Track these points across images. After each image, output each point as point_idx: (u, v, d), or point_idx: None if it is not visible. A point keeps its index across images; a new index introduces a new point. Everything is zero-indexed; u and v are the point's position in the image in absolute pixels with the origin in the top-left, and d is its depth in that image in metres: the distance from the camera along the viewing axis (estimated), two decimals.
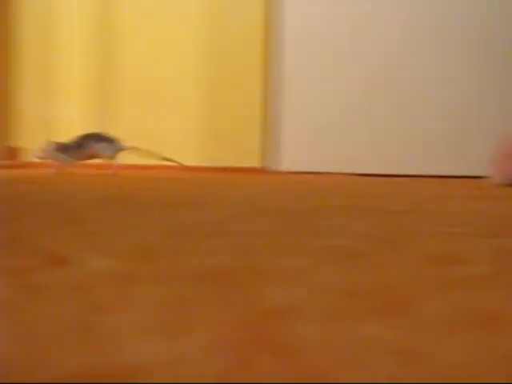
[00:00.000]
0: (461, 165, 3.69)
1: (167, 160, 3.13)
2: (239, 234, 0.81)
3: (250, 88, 3.82)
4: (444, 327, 0.38)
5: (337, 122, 3.74)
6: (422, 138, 3.72)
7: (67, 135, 3.91)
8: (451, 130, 3.70)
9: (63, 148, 2.96)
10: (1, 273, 0.51)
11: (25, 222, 0.87)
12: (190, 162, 3.84)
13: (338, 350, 0.33)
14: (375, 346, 0.34)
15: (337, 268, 0.57)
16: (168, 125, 3.87)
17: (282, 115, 3.77)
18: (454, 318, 0.41)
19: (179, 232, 0.80)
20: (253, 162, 3.84)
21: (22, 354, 0.31)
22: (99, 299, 0.43)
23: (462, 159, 3.70)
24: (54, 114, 3.94)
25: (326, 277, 0.53)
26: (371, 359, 0.32)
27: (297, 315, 0.40)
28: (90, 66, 3.90)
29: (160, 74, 3.86)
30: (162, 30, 3.86)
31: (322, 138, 3.75)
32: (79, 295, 0.44)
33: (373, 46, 3.72)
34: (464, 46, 3.68)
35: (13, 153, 3.94)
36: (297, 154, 3.77)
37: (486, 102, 3.70)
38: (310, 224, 0.95)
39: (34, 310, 0.39)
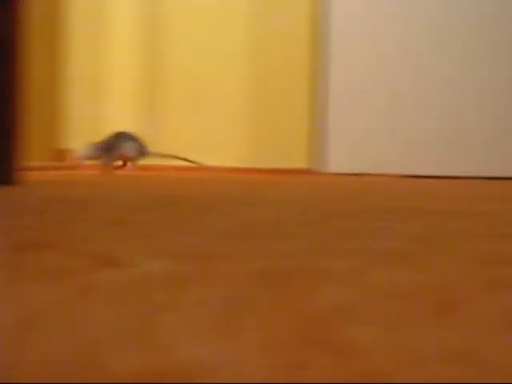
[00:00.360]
0: (506, 166, 3.66)
1: (189, 161, 3.09)
2: (289, 235, 0.80)
3: (296, 89, 3.82)
4: (497, 327, 0.38)
5: (382, 124, 3.72)
6: (467, 138, 3.70)
7: None
8: (497, 131, 3.67)
9: (102, 148, 2.93)
10: (53, 274, 0.51)
11: (76, 224, 0.87)
12: (236, 163, 3.84)
13: (392, 350, 0.33)
14: (429, 346, 0.34)
15: (387, 269, 0.56)
16: (215, 125, 3.87)
17: (329, 117, 3.76)
18: (506, 318, 0.40)
19: (230, 233, 0.80)
20: (300, 163, 3.83)
21: (78, 355, 0.31)
22: (153, 300, 0.42)
23: (507, 160, 3.67)
24: (103, 114, 3.96)
25: (377, 278, 0.52)
26: (426, 360, 0.31)
27: (349, 316, 0.40)
28: (138, 68, 3.92)
29: (207, 75, 3.87)
30: (209, 32, 3.86)
31: (368, 139, 3.73)
32: (133, 296, 0.43)
33: (418, 47, 3.70)
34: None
35: (62, 155, 3.96)
36: (343, 155, 3.76)
37: None
38: (359, 226, 0.94)
39: (88, 311, 0.39)
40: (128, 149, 2.92)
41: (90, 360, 0.30)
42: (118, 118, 3.93)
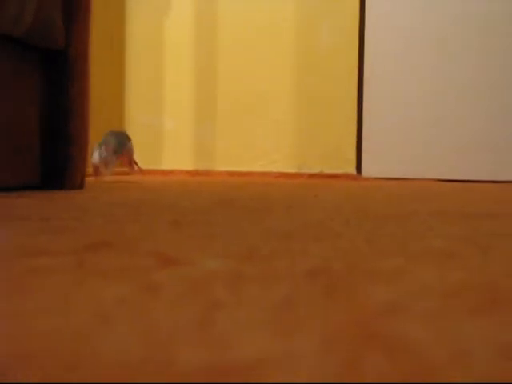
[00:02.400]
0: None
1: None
2: (339, 236, 0.80)
3: (339, 99, 3.81)
4: None
5: (420, 131, 3.70)
6: (501, 143, 3.67)
7: (174, 146, 3.95)
8: None
9: (114, 151, 2.54)
10: (120, 272, 0.51)
11: (138, 225, 0.87)
12: (285, 168, 3.84)
13: (444, 346, 0.32)
14: (480, 342, 0.33)
15: (434, 268, 0.55)
16: (264, 133, 3.87)
17: (370, 124, 3.75)
18: None
19: (283, 234, 0.80)
20: (343, 168, 3.83)
21: (146, 350, 0.30)
22: (214, 297, 0.42)
23: None
24: (160, 125, 3.98)
25: (425, 276, 0.52)
26: (477, 355, 0.30)
27: (401, 313, 0.39)
28: (193, 82, 3.93)
29: (257, 88, 3.87)
30: (259, 48, 3.86)
31: (406, 145, 3.71)
32: (194, 294, 0.43)
33: (454, 58, 3.67)
34: None
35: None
36: (384, 161, 3.74)
37: None
38: (403, 227, 0.93)
39: (153, 307, 0.39)
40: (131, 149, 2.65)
41: (158, 355, 0.29)
42: (175, 128, 3.94)
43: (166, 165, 3.97)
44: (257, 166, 3.86)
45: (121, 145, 2.51)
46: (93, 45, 2.04)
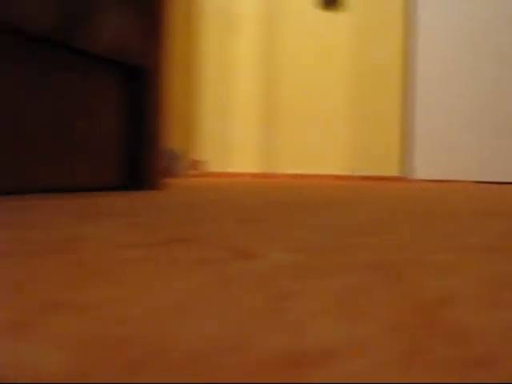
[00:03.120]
0: None
1: None
2: (389, 232, 0.79)
3: (388, 109, 3.79)
4: None
5: (461, 137, 3.67)
6: None
7: (241, 152, 3.96)
8: None
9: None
10: (197, 264, 0.50)
11: (210, 222, 0.87)
12: (340, 171, 3.83)
13: (501, 334, 0.31)
14: None
15: (481, 262, 0.54)
16: (320, 140, 3.87)
17: (416, 132, 3.72)
18: None
19: (339, 230, 0.79)
20: (391, 171, 3.80)
21: (227, 336, 0.29)
22: (284, 287, 0.41)
23: None
24: (229, 131, 3.98)
25: (474, 269, 0.50)
26: None
27: (456, 302, 0.38)
28: (259, 94, 3.94)
29: (315, 100, 3.87)
30: (317, 66, 3.86)
31: (449, 150, 3.68)
32: (266, 284, 0.42)
33: (501, 68, 3.62)
34: None
35: (196, 164, 4.00)
36: (428, 164, 3.71)
37: None
38: (450, 224, 0.92)
39: (229, 297, 0.38)
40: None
41: (237, 340, 0.29)
42: (242, 135, 3.95)
43: (234, 168, 3.98)
44: (315, 169, 3.86)
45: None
46: (169, 61, 2.05)
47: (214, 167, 4.00)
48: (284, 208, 1.18)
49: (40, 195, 1.42)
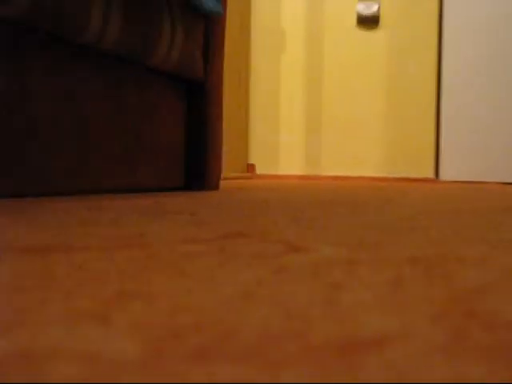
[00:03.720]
0: None
1: None
2: (428, 228, 0.78)
3: (421, 116, 3.76)
4: None
5: (487, 141, 3.62)
6: None
7: (287, 156, 3.96)
8: None
9: None
10: (252, 257, 0.50)
11: (264, 218, 0.86)
12: (377, 173, 3.81)
13: None
14: None
15: (511, 255, 0.53)
16: (359, 145, 3.85)
17: (445, 136, 3.69)
18: None
19: (381, 227, 0.78)
20: (423, 173, 3.77)
21: (284, 324, 0.29)
22: (334, 279, 0.41)
23: None
24: (278, 139, 3.99)
25: (505, 262, 0.49)
26: None
27: (491, 293, 0.37)
28: (303, 103, 3.93)
29: (355, 109, 3.85)
30: (356, 77, 3.85)
31: (476, 154, 3.64)
32: (317, 276, 0.42)
33: None
34: None
35: (250, 168, 4.01)
36: (457, 166, 3.68)
37: None
38: (481, 220, 0.91)
39: (283, 288, 0.38)
40: None
41: (295, 327, 0.28)
42: (288, 141, 3.95)
43: (282, 170, 3.98)
44: (354, 171, 3.84)
45: None
46: (225, 76, 2.06)
47: (264, 170, 4.00)
48: (327, 206, 1.17)
49: (111, 195, 1.43)
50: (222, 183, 2.48)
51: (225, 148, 3.40)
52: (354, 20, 3.86)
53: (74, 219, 0.79)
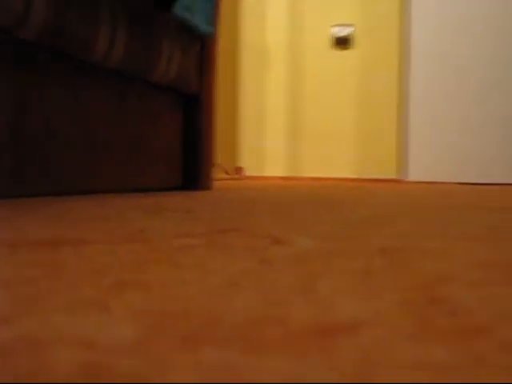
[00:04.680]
0: None
1: None
2: (391, 223, 0.77)
3: (386, 124, 3.76)
4: None
5: (449, 145, 3.63)
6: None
7: (272, 159, 3.96)
8: None
9: None
10: (240, 250, 0.49)
11: (250, 215, 0.86)
12: (349, 174, 3.81)
13: (490, 308, 0.29)
14: None
15: (471, 248, 0.52)
16: (335, 149, 3.85)
17: (410, 141, 3.69)
18: None
19: (352, 222, 0.78)
20: (389, 174, 3.77)
21: (264, 309, 0.28)
22: (312, 268, 0.40)
23: None
24: (264, 145, 3.98)
25: (465, 254, 0.48)
26: None
27: (451, 281, 0.36)
28: (285, 113, 3.93)
29: (329, 119, 3.85)
30: (331, 91, 3.84)
31: (438, 157, 3.64)
32: (297, 266, 0.41)
33: (486, 82, 3.58)
34: None
35: (238, 170, 4.00)
36: (420, 168, 3.68)
37: None
38: (441, 217, 0.90)
39: (268, 277, 0.37)
40: None
41: (276, 313, 0.27)
42: (272, 147, 3.95)
43: (267, 172, 3.98)
44: (330, 173, 3.85)
45: None
46: (217, 90, 2.05)
47: (252, 172, 4.00)
48: (307, 204, 1.17)
49: (118, 195, 1.42)
50: (214, 184, 2.47)
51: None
52: (330, 41, 3.86)
53: (83, 216, 0.78)
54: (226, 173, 2.54)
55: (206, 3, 1.76)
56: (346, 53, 3.83)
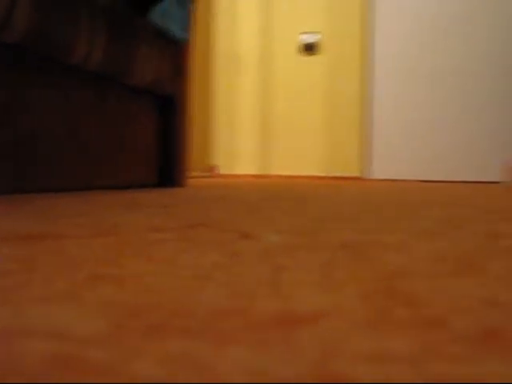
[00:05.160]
0: (481, 172, 3.55)
1: None
2: (355, 219, 0.77)
3: (350, 126, 3.78)
4: (508, 282, 0.34)
5: (409, 145, 3.65)
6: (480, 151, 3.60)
7: (244, 158, 3.95)
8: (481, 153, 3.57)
9: None
10: (211, 244, 0.48)
11: (221, 211, 0.85)
12: (317, 173, 3.82)
13: (446, 300, 0.29)
14: (469, 296, 0.30)
15: (425, 242, 0.52)
16: (304, 149, 3.86)
17: (373, 142, 3.71)
18: None
19: (318, 217, 0.77)
20: (353, 172, 3.79)
21: (230, 300, 0.28)
22: (278, 262, 0.40)
23: (483, 168, 3.56)
24: (237, 144, 3.98)
25: (419, 247, 0.49)
26: (471, 307, 0.27)
27: (409, 274, 0.36)
28: (257, 114, 3.93)
29: (298, 119, 3.86)
30: (301, 94, 3.85)
31: (399, 156, 3.67)
32: (264, 259, 0.41)
33: (443, 89, 3.60)
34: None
35: (211, 168, 3.99)
36: (382, 167, 3.70)
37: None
38: (400, 213, 0.90)
39: (236, 269, 0.37)
40: None
41: (241, 304, 0.27)
42: (244, 146, 3.94)
43: (240, 170, 3.97)
44: (299, 171, 3.85)
45: None
46: (191, 91, 2.04)
47: (225, 170, 3.99)
48: (276, 201, 1.16)
49: (98, 192, 1.41)
50: (189, 181, 2.46)
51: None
52: (298, 47, 3.87)
53: (63, 212, 0.77)
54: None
55: (181, 11, 1.75)
56: (313, 58, 3.84)
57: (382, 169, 3.70)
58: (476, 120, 3.55)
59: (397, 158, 3.67)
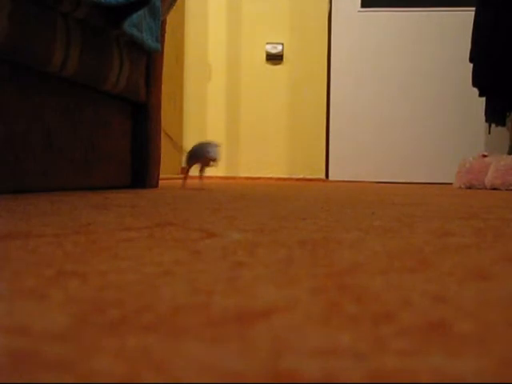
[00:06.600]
0: (435, 174, 3.59)
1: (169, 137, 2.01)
2: (315, 217, 0.77)
3: (314, 130, 3.80)
4: (456, 278, 0.34)
5: (365, 150, 3.68)
6: (416, 158, 3.64)
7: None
8: (435, 156, 3.61)
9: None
10: (175, 242, 0.48)
11: (188, 211, 0.84)
12: (281, 174, 3.83)
13: (397, 295, 0.29)
14: (418, 291, 0.30)
15: (379, 239, 0.52)
16: (269, 151, 3.86)
17: (335, 146, 3.73)
18: (461, 270, 0.36)
19: (279, 216, 0.77)
20: (316, 174, 3.81)
21: (190, 296, 0.27)
22: (238, 259, 0.39)
23: (436, 170, 3.60)
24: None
25: (373, 245, 0.49)
26: (420, 302, 0.27)
27: (362, 270, 0.36)
28: (224, 120, 3.92)
29: (264, 124, 3.86)
30: (265, 101, 3.85)
31: (356, 159, 3.69)
32: (225, 257, 0.40)
33: (398, 99, 3.64)
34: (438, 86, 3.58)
35: (183, 170, 3.97)
36: (340, 169, 3.72)
37: (455, 133, 3.59)
38: (356, 211, 0.91)
39: (197, 267, 0.36)
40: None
41: (201, 300, 0.27)
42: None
43: (208, 172, 3.96)
44: (263, 173, 3.85)
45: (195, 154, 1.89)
46: (163, 99, 2.02)
47: (194, 172, 3.96)
48: (240, 201, 1.16)
49: (71, 193, 1.39)
50: (161, 183, 2.44)
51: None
52: (263, 57, 3.87)
53: (35, 211, 0.76)
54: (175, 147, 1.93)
55: (153, 22, 1.73)
56: (278, 67, 3.84)
57: (341, 170, 3.72)
58: (430, 123, 3.60)
59: (354, 161, 3.70)
